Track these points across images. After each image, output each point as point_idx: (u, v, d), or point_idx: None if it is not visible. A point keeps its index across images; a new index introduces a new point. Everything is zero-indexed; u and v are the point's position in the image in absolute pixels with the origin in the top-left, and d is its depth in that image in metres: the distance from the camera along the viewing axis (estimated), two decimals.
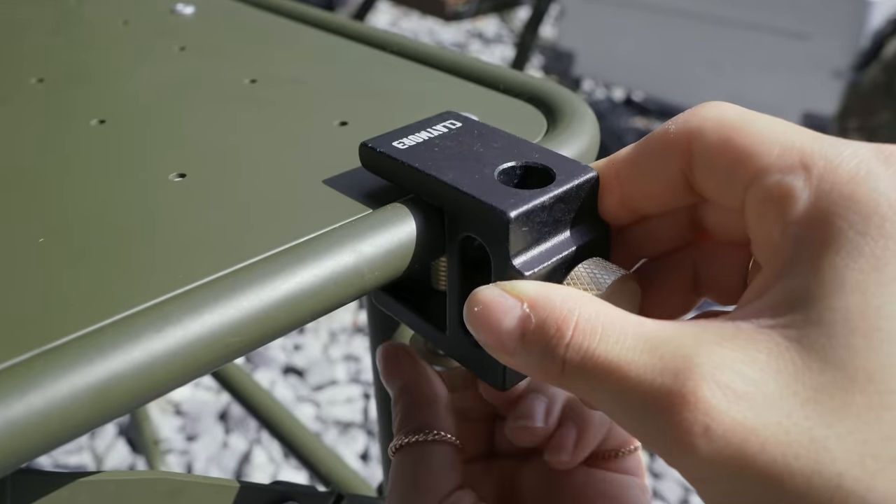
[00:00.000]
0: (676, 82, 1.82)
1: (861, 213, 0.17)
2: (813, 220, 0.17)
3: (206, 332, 0.19)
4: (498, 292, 0.20)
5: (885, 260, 0.16)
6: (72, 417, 0.17)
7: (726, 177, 0.20)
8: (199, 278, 0.21)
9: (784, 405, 0.16)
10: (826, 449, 0.15)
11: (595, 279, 0.22)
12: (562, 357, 0.18)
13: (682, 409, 0.16)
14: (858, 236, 0.17)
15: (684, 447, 0.16)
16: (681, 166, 0.21)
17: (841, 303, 0.16)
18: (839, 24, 1.51)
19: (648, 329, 0.18)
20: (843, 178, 0.17)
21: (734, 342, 0.17)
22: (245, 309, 0.20)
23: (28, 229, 0.24)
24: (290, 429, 0.72)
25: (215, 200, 0.25)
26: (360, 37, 0.42)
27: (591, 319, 0.18)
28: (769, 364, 0.16)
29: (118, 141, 0.30)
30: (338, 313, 1.52)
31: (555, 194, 0.22)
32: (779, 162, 0.19)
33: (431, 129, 0.26)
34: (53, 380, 0.17)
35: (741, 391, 0.16)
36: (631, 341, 0.18)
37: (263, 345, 0.21)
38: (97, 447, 1.22)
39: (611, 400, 0.18)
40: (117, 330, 0.18)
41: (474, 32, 3.15)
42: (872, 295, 0.16)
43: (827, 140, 0.19)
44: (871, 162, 0.18)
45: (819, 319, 0.16)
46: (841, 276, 0.16)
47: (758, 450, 0.15)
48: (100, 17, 0.48)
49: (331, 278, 0.21)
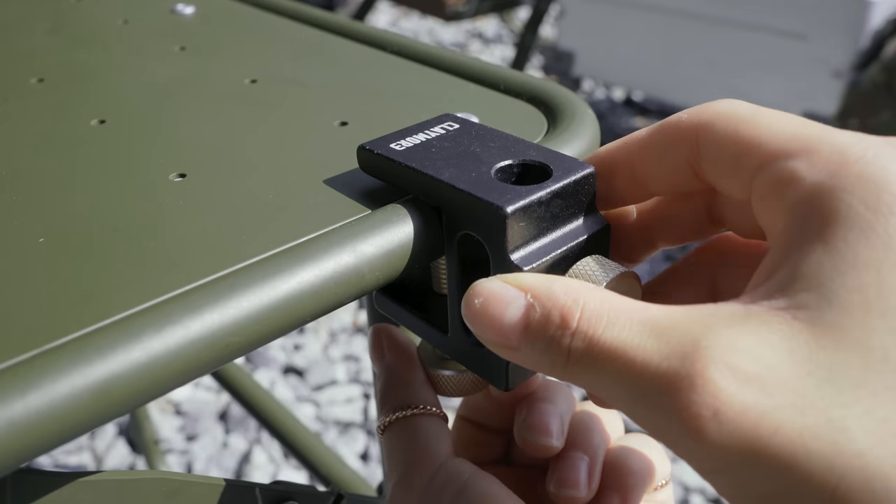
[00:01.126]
0: (677, 82, 1.83)
1: (872, 191, 0.16)
2: (820, 200, 0.17)
3: (207, 332, 0.19)
4: (500, 284, 0.20)
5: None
6: (72, 417, 0.17)
7: (733, 166, 0.20)
8: (200, 278, 0.21)
9: (798, 386, 0.15)
10: (845, 429, 0.14)
11: (595, 275, 0.22)
12: (567, 347, 0.18)
13: (689, 393, 0.15)
14: (870, 213, 0.16)
15: (693, 433, 0.15)
16: (687, 156, 0.21)
17: (855, 281, 0.16)
18: (839, 24, 1.51)
19: (655, 314, 0.17)
20: (851, 159, 0.17)
21: (745, 324, 0.16)
22: (245, 309, 0.20)
23: (28, 229, 0.24)
24: (290, 429, 0.72)
25: (215, 200, 0.25)
26: (360, 37, 0.42)
27: (597, 307, 0.18)
28: (782, 345, 0.16)
29: (118, 141, 0.30)
30: (338, 313, 1.52)
31: (551, 190, 0.22)
32: (785, 148, 0.19)
33: (429, 130, 0.26)
34: (53, 379, 0.17)
35: (752, 373, 0.15)
36: (637, 327, 0.17)
37: (264, 344, 0.21)
38: (97, 447, 1.22)
39: (617, 388, 0.17)
40: (117, 330, 0.18)
41: (474, 32, 3.15)
42: (888, 273, 0.15)
43: (834, 130, 0.19)
44: (879, 146, 0.18)
45: (833, 298, 0.16)
46: (854, 253, 0.16)
47: (772, 432, 0.15)
48: (100, 16, 0.48)
49: (331, 278, 0.21)
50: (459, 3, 2.06)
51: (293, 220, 0.24)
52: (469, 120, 0.27)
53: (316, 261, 0.21)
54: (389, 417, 0.26)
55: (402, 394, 0.26)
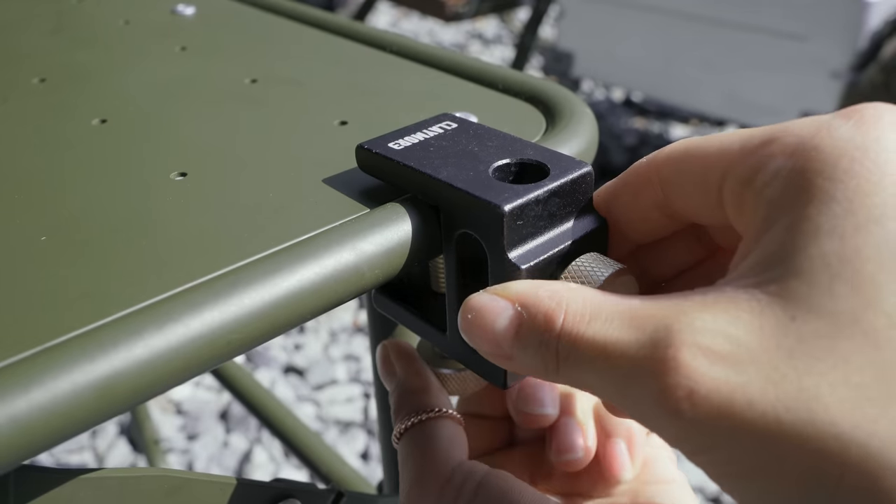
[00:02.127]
0: (675, 83, 1.83)
1: (827, 161, 0.17)
2: (782, 179, 0.17)
3: (208, 329, 0.19)
4: (489, 297, 0.20)
5: (858, 202, 0.16)
6: (74, 414, 0.17)
7: (700, 187, 0.20)
8: (201, 276, 0.21)
9: (770, 359, 0.15)
10: (817, 397, 0.14)
11: (591, 273, 0.22)
12: (555, 348, 0.18)
13: (663, 376, 0.16)
14: (827, 182, 0.16)
15: (671, 413, 0.16)
16: (654, 198, 0.22)
17: (818, 250, 0.16)
18: (837, 25, 1.51)
19: (633, 305, 0.18)
20: (806, 138, 0.18)
21: (716, 306, 0.17)
22: (246, 306, 0.20)
23: (30, 228, 0.24)
24: (290, 428, 0.72)
25: (216, 199, 0.26)
26: (360, 37, 0.42)
27: (580, 307, 0.18)
28: (752, 321, 0.16)
29: (119, 140, 0.31)
30: (338, 313, 1.52)
31: (549, 188, 0.22)
32: (742, 150, 0.19)
33: (427, 130, 0.26)
34: (56, 377, 0.17)
35: (724, 352, 0.16)
36: (617, 321, 0.18)
37: (265, 342, 0.21)
38: (98, 446, 1.22)
39: (603, 381, 0.18)
40: (119, 327, 0.19)
41: (474, 33, 3.15)
42: (850, 237, 0.16)
43: (787, 122, 0.19)
44: (831, 119, 0.18)
45: (799, 269, 0.16)
46: (815, 223, 0.16)
47: (745, 406, 0.15)
48: (101, 17, 0.48)
49: (331, 276, 0.22)
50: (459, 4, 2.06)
51: (293, 218, 0.24)
52: (467, 119, 0.27)
53: (316, 258, 0.22)
54: (405, 423, 0.26)
55: (415, 400, 0.26)
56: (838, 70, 1.52)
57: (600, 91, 2.51)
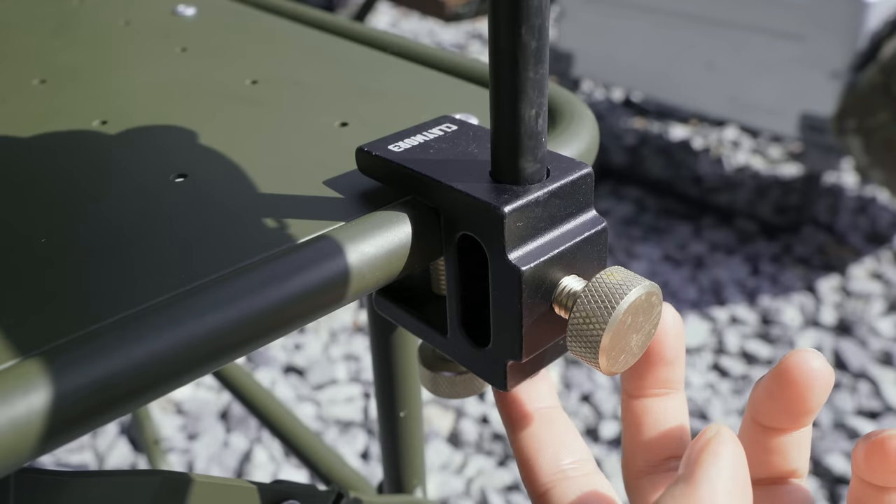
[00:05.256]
0: (675, 83, 1.82)
1: None
2: None
3: (208, 332, 0.19)
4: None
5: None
6: (74, 416, 0.17)
7: None
8: (201, 278, 0.21)
9: None
10: None
11: (617, 288, 0.21)
12: None
13: None
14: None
15: None
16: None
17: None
18: (836, 25, 1.51)
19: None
20: None
21: None
22: (245, 309, 0.20)
23: (30, 229, 0.24)
24: (290, 428, 0.72)
25: (216, 201, 0.26)
26: (360, 38, 0.42)
27: None
28: None
29: (120, 141, 0.31)
30: (338, 313, 1.52)
31: (549, 189, 0.22)
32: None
33: (427, 132, 0.26)
34: (56, 379, 0.17)
35: None
36: None
37: (265, 345, 0.21)
38: (99, 446, 1.22)
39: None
40: (119, 329, 0.19)
41: (474, 33, 3.15)
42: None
43: None
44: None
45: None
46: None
47: None
48: (102, 18, 0.48)
49: (332, 278, 0.22)
50: (459, 5, 2.06)
51: (293, 220, 0.24)
52: (467, 121, 0.27)
53: (317, 261, 0.22)
54: None
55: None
56: (838, 70, 1.52)
57: (600, 91, 2.51)
